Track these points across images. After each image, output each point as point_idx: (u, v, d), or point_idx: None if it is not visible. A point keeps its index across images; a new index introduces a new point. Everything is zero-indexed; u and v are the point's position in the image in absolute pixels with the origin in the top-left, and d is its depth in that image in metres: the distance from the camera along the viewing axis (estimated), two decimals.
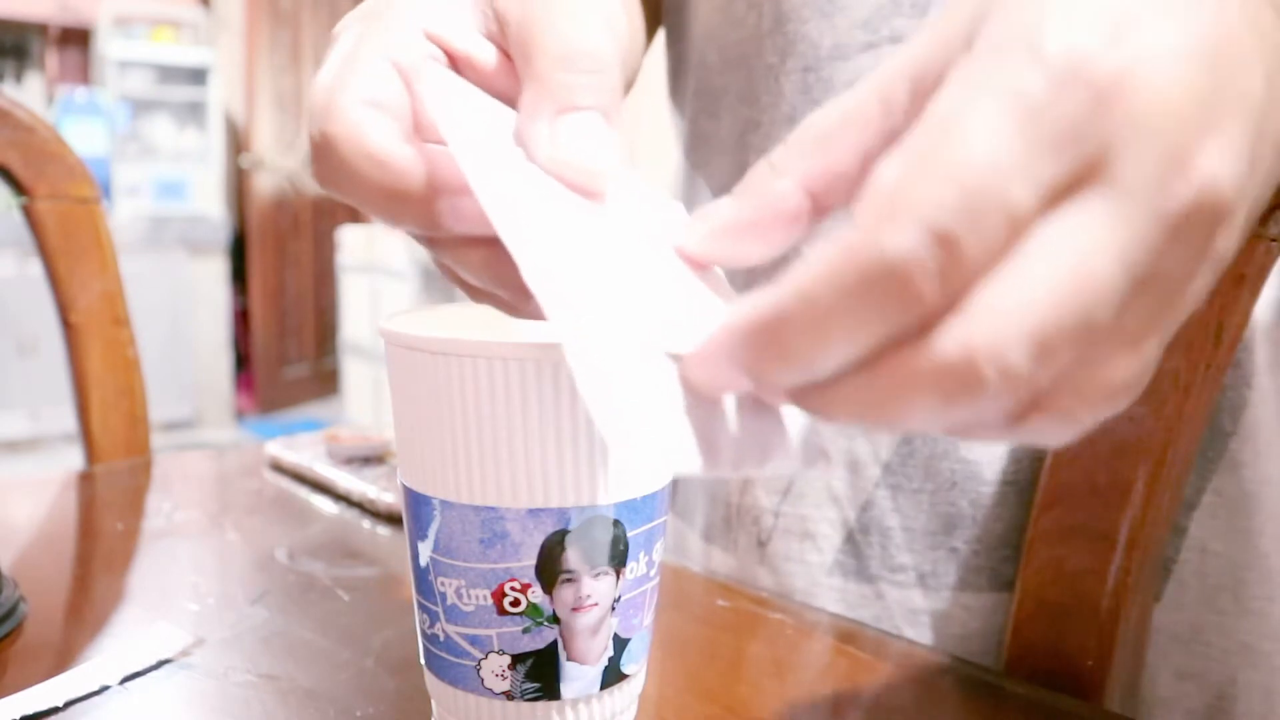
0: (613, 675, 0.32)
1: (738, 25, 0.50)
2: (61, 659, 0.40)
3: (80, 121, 3.78)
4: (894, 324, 0.19)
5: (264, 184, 4.22)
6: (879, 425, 0.20)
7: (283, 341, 4.33)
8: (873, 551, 0.47)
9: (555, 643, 0.30)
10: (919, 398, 0.19)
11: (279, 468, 0.68)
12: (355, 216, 4.54)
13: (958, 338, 0.19)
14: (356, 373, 3.78)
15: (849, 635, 0.44)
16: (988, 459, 0.45)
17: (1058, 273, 0.19)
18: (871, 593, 0.47)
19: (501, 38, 0.29)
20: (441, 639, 0.31)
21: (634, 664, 0.33)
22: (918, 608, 0.47)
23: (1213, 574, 0.43)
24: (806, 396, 0.21)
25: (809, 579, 0.49)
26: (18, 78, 3.95)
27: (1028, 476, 0.45)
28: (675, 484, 0.57)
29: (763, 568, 0.50)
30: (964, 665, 0.42)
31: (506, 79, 0.29)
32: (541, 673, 0.31)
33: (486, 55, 0.29)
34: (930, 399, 0.19)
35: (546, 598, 0.30)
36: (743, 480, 0.51)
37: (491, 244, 0.27)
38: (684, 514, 0.57)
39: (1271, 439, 0.41)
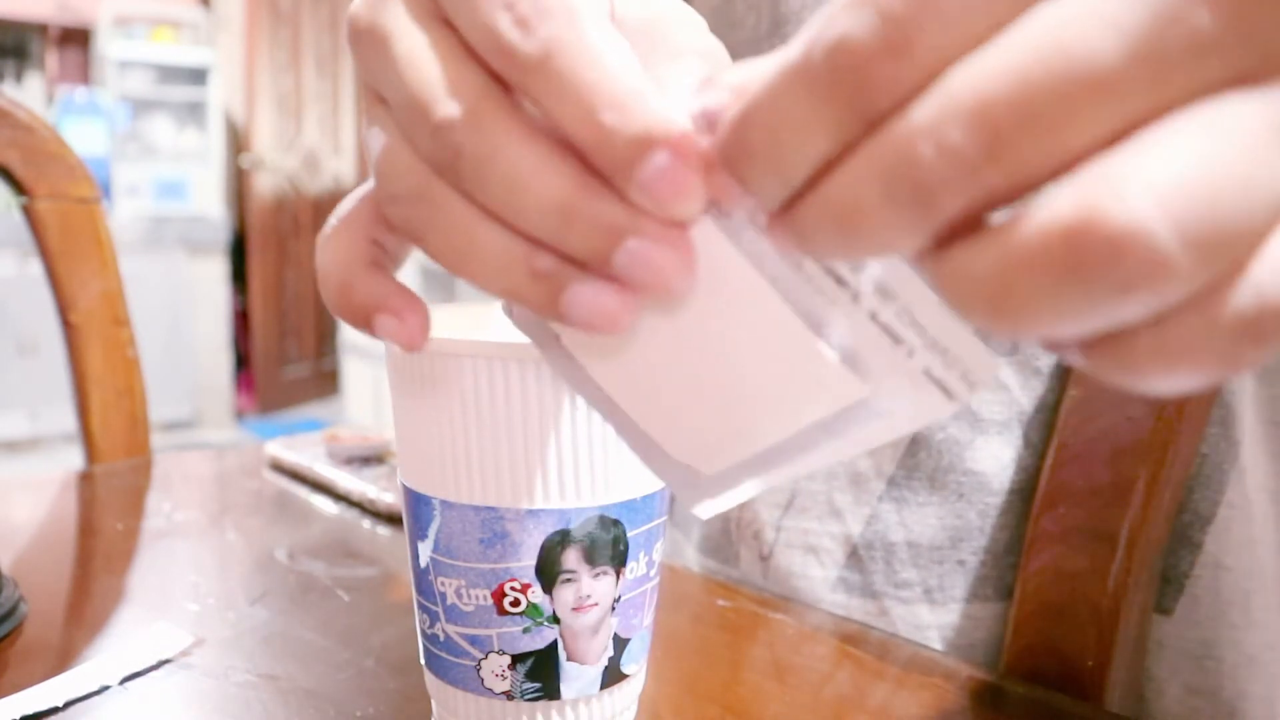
0: (613, 675, 0.32)
1: (736, 26, 0.50)
2: (61, 659, 0.40)
3: (80, 121, 3.78)
4: (845, 116, 0.17)
5: (264, 184, 4.22)
6: (852, 246, 0.18)
7: (283, 341, 4.33)
8: (877, 567, 0.47)
9: (555, 643, 0.30)
10: (866, 194, 0.17)
11: (279, 468, 0.68)
12: None
13: (900, 120, 0.16)
14: (356, 373, 3.78)
15: (849, 636, 0.44)
16: (995, 469, 0.45)
17: (1024, 43, 0.15)
18: (876, 609, 0.47)
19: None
20: (441, 639, 0.31)
21: (634, 664, 0.33)
22: (924, 623, 0.46)
23: (1225, 589, 0.42)
24: (789, 217, 0.18)
25: (813, 595, 0.48)
26: (18, 78, 3.95)
27: (1034, 483, 0.44)
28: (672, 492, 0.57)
29: (766, 582, 0.50)
30: (963, 666, 0.42)
31: None
32: (541, 673, 0.31)
33: None
34: (875, 194, 0.17)
35: (546, 598, 0.30)
36: None
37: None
38: (680, 525, 0.57)
39: (1255, 443, 0.41)
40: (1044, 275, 0.15)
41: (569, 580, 0.30)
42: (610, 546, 0.30)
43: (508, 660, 0.30)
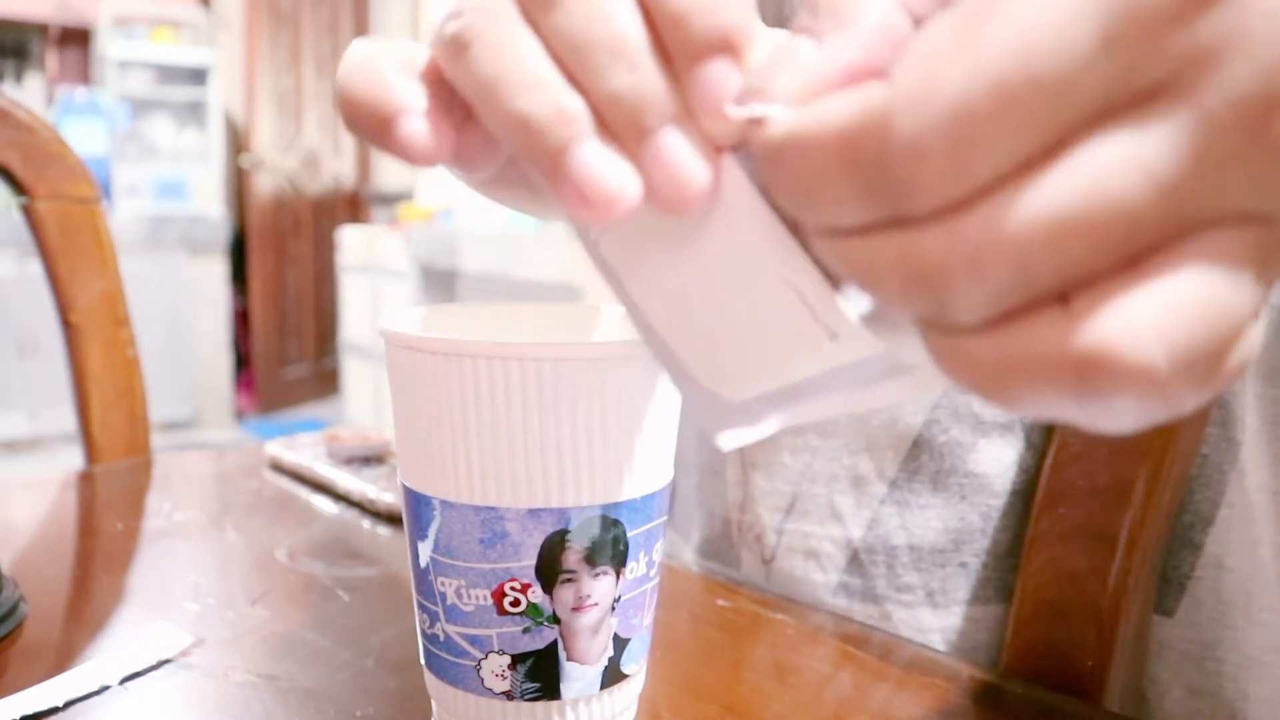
0: (613, 675, 0.32)
1: None
2: (61, 659, 0.40)
3: (80, 121, 3.78)
4: (879, 209, 0.17)
5: (264, 184, 4.22)
6: (855, 282, 0.18)
7: (283, 341, 4.33)
8: (878, 571, 0.47)
9: (555, 643, 0.30)
10: (884, 276, 0.18)
11: (279, 468, 0.68)
12: (355, 217, 4.54)
13: (939, 231, 0.17)
14: (356, 373, 3.77)
15: (849, 636, 0.44)
16: (997, 471, 0.45)
17: (1072, 186, 0.16)
18: (878, 613, 0.47)
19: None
20: (441, 639, 0.31)
21: (634, 664, 0.33)
22: (926, 626, 0.46)
23: (1226, 590, 0.42)
24: (814, 234, 0.19)
25: (814, 599, 0.48)
26: (18, 78, 3.95)
27: (1036, 484, 0.44)
28: (671, 495, 0.57)
29: (768, 585, 0.50)
30: (964, 666, 0.42)
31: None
32: (541, 673, 0.31)
33: None
34: (893, 281, 0.18)
35: (546, 598, 0.30)
36: (743, 497, 0.51)
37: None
38: (679, 528, 0.57)
39: (1257, 444, 0.41)
40: (1047, 382, 0.17)
41: (569, 580, 0.30)
42: (610, 546, 0.30)
43: (508, 660, 0.30)
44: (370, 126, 0.24)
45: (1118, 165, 0.16)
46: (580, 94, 0.21)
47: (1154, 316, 0.16)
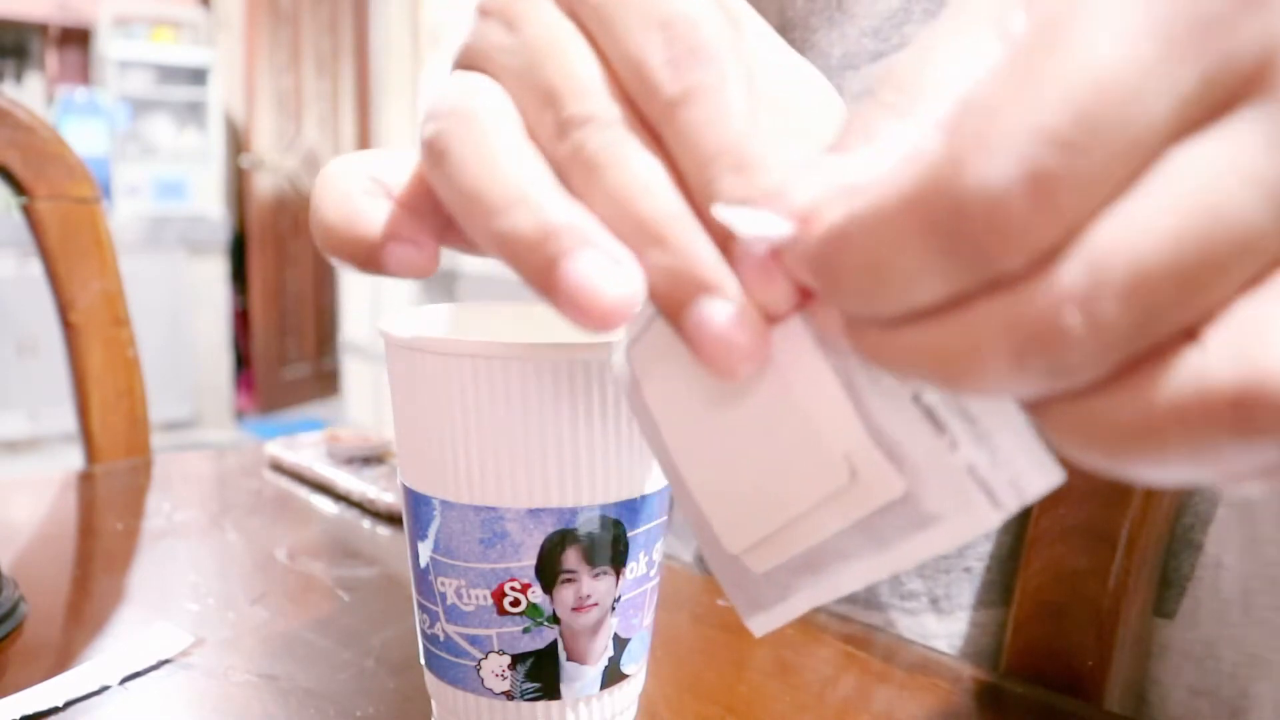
0: (613, 675, 0.32)
1: None
2: (61, 659, 0.40)
3: (80, 121, 3.78)
4: (967, 274, 0.15)
5: (264, 184, 4.22)
6: (951, 386, 0.16)
7: (283, 341, 4.33)
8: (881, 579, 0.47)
9: (555, 643, 0.30)
10: (990, 351, 0.16)
11: (279, 468, 0.68)
12: None
13: (1043, 283, 0.15)
14: (356, 373, 3.78)
15: (848, 635, 0.44)
16: None
17: (1173, 204, 0.15)
18: (882, 621, 0.47)
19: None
20: (441, 639, 0.31)
21: (634, 664, 0.33)
22: (931, 632, 0.46)
23: (1225, 588, 0.42)
24: (866, 335, 0.17)
25: (817, 607, 0.48)
26: (18, 78, 3.95)
27: None
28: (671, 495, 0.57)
29: None
30: (964, 666, 0.42)
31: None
32: (541, 673, 0.31)
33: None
34: (1001, 354, 0.15)
35: (546, 598, 0.30)
36: None
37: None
38: (680, 534, 0.56)
39: None
40: (1200, 431, 0.15)
41: (569, 580, 0.30)
42: (610, 546, 0.30)
43: (508, 660, 0.30)
44: (353, 259, 0.24)
45: (1216, 173, 0.15)
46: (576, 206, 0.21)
47: None
